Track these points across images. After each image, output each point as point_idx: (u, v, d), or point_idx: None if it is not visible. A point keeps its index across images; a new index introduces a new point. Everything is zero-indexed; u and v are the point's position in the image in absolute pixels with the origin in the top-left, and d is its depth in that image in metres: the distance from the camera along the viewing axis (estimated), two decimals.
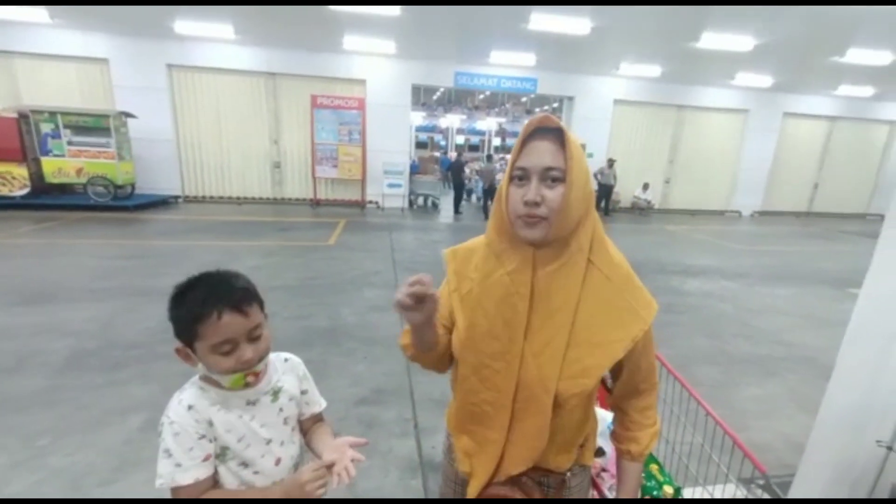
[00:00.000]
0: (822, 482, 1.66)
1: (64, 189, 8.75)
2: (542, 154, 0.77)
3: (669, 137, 12.47)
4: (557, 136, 0.78)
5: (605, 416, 1.36)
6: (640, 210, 12.12)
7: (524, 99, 21.28)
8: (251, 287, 0.88)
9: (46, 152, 8.25)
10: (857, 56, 8.19)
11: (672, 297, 5.03)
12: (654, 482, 1.35)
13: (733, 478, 1.34)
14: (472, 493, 0.91)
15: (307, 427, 1.04)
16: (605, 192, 11.20)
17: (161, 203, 9.71)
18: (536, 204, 0.77)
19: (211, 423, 0.85)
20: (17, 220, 7.19)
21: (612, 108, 11.66)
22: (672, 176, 12.74)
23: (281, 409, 0.94)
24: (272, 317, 3.30)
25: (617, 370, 0.89)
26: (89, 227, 7.14)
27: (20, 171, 8.08)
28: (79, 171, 8.42)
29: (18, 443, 2.15)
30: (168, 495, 0.84)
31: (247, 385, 0.86)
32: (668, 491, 1.30)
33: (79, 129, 8.31)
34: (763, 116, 12.39)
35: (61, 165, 8.34)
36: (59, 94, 9.20)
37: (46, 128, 8.17)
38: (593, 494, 1.10)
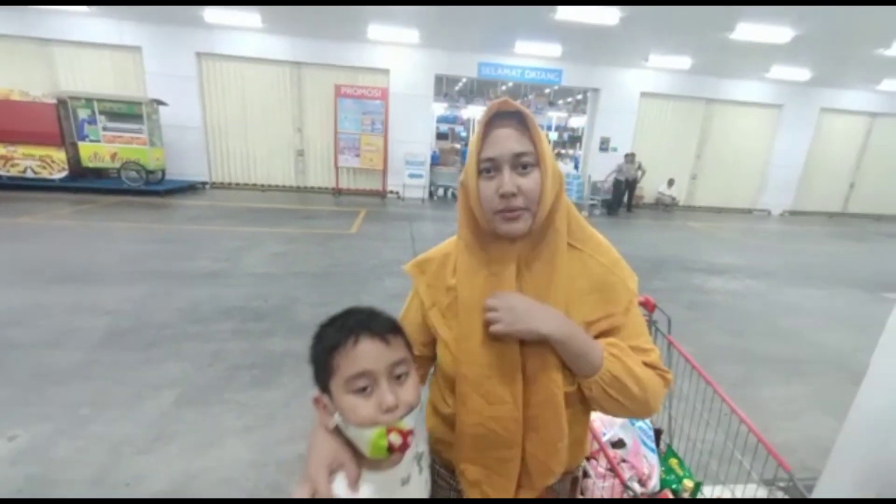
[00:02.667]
0: (848, 485, 1.64)
1: (99, 173, 9.07)
2: (508, 140, 0.71)
3: (697, 132, 12.12)
4: (519, 119, 0.72)
5: None
6: (664, 206, 11.85)
7: (547, 90, 20.95)
8: (399, 324, 0.74)
9: (83, 137, 8.57)
10: None
11: (694, 294, 4.94)
12: (673, 476, 1.36)
13: (756, 477, 1.34)
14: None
15: None
16: (626, 186, 10.91)
17: (189, 188, 9.98)
18: (513, 195, 0.71)
19: None
20: (56, 202, 7.51)
21: (638, 100, 11.38)
22: (698, 172, 12.40)
23: (427, 481, 0.79)
24: (295, 302, 3.39)
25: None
26: (123, 210, 7.41)
27: (59, 155, 8.41)
28: (113, 156, 8.72)
29: (62, 412, 2.28)
30: None
31: (390, 450, 0.65)
32: (688, 485, 1.31)
33: (113, 116, 8.59)
34: (798, 112, 11.89)
35: (97, 150, 8.65)
36: (94, 81, 9.50)
37: (83, 114, 8.47)
38: (616, 484, 1.11)
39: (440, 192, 11.79)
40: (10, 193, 7.98)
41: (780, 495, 1.98)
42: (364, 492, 0.67)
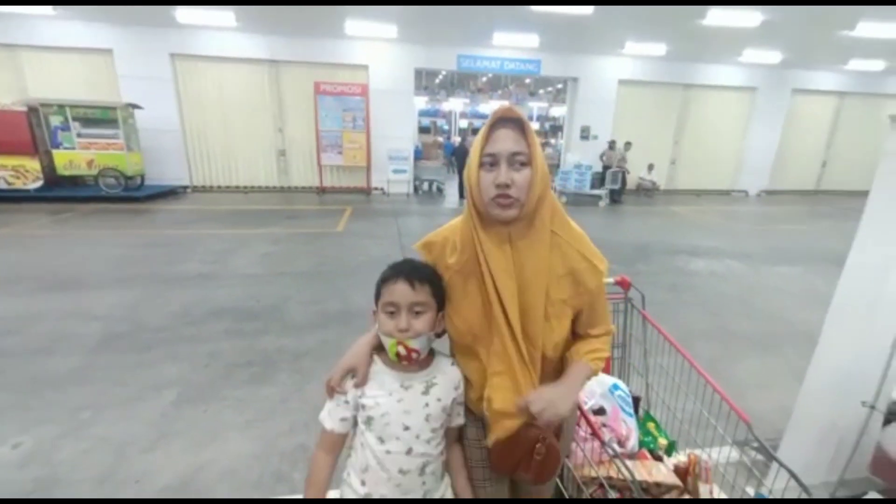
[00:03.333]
0: (810, 441, 1.79)
1: (76, 181, 8.90)
2: (508, 141, 0.89)
3: (675, 118, 12.36)
4: (518, 125, 0.90)
5: (603, 380, 1.48)
6: (646, 191, 12.09)
7: (528, 81, 21.05)
8: (433, 277, 1.00)
9: (57, 145, 8.39)
10: (867, 29, 8.05)
11: (676, 276, 5.12)
12: (650, 437, 1.48)
13: (728, 439, 1.46)
14: (494, 434, 1.00)
15: (448, 441, 1.10)
16: (609, 175, 10.82)
17: (170, 193, 9.85)
18: (507, 186, 0.88)
19: (363, 393, 0.99)
20: (33, 213, 7.37)
21: (616, 88, 11.55)
22: (677, 156, 12.68)
23: (427, 405, 1.00)
24: (286, 301, 3.47)
25: (578, 315, 1.03)
26: (103, 217, 7.31)
27: (33, 165, 8.22)
28: (89, 164, 8.56)
29: (64, 415, 2.32)
30: None
31: (398, 357, 0.97)
32: (663, 443, 1.43)
33: (87, 122, 8.42)
34: (771, 93, 12.22)
35: (72, 158, 8.48)
36: (64, 86, 9.24)
37: (56, 120, 8.28)
38: (596, 446, 1.23)
39: (425, 186, 11.83)
40: None
41: (753, 454, 2.14)
42: (370, 385, 0.99)
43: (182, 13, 8.36)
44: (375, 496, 0.99)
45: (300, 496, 1.81)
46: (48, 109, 8.21)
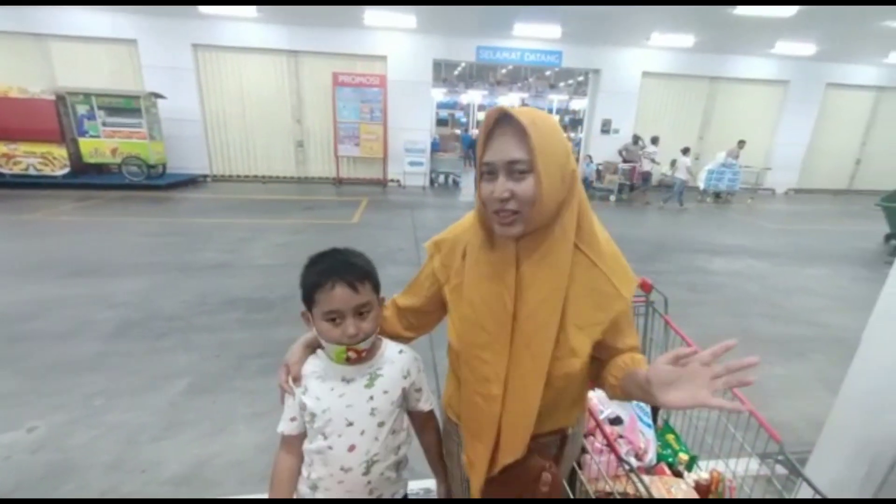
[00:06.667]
0: (841, 457, 1.68)
1: (100, 169, 9.11)
2: (505, 147, 0.76)
3: (700, 112, 11.97)
4: (517, 127, 0.75)
5: None
6: (668, 187, 11.75)
7: (548, 73, 20.67)
8: (369, 269, 0.94)
9: (83, 133, 8.58)
10: None
11: (696, 276, 4.96)
12: (669, 450, 1.40)
13: (751, 451, 1.37)
14: (474, 488, 0.91)
15: (417, 427, 1.08)
16: (620, 170, 10.60)
17: (191, 182, 10.01)
18: (506, 200, 0.76)
19: (306, 390, 0.94)
20: (59, 199, 7.57)
21: (639, 80, 11.22)
22: (702, 152, 12.28)
23: (371, 398, 0.95)
24: (299, 292, 3.44)
25: (601, 347, 0.87)
26: (126, 205, 7.46)
27: (60, 152, 8.44)
28: (113, 152, 8.74)
29: (77, 402, 2.36)
30: None
31: (348, 360, 0.92)
32: (684, 458, 1.35)
33: (112, 111, 8.58)
34: (804, 87, 11.70)
35: (97, 146, 8.67)
36: (90, 75, 9.46)
37: (82, 109, 8.46)
38: (612, 459, 1.16)
39: (441, 179, 11.75)
40: (13, 191, 8.04)
41: (777, 469, 2.03)
42: (311, 383, 0.95)
43: (205, 4, 8.42)
44: (321, 488, 0.96)
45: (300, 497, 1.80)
46: (75, 98, 8.39)
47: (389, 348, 1.01)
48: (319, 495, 0.97)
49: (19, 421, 2.19)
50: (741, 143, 10.61)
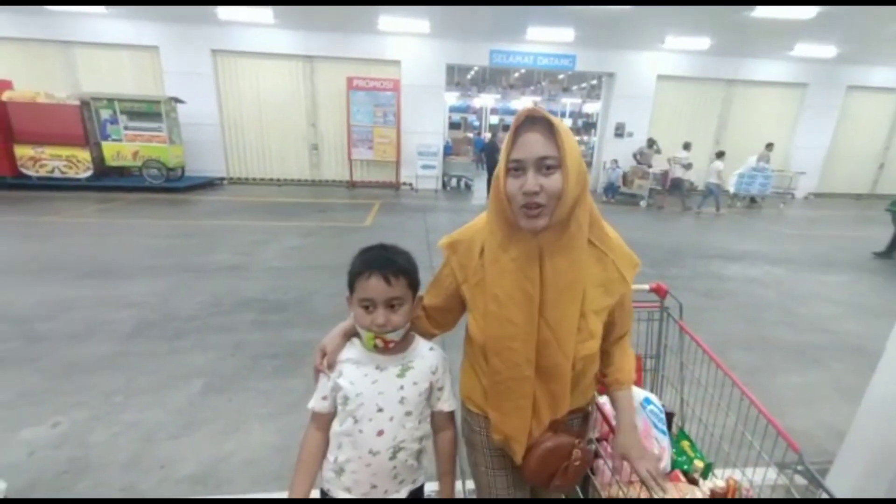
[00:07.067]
0: (862, 469, 1.64)
1: (122, 172, 9.35)
2: (535, 145, 0.81)
3: (716, 115, 11.80)
4: (546, 125, 0.82)
5: (635, 393, 1.39)
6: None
7: (561, 76, 20.60)
8: (408, 267, 0.99)
9: (106, 137, 8.83)
10: None
11: (711, 281, 4.88)
12: (685, 457, 1.38)
13: (768, 459, 1.35)
14: (519, 456, 0.99)
15: (436, 427, 1.11)
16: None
17: (208, 185, 10.20)
18: (536, 193, 0.81)
19: (341, 373, 1.00)
20: (82, 201, 7.78)
21: (654, 84, 11.12)
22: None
23: (402, 388, 1.01)
24: (313, 294, 3.48)
25: (607, 325, 1.00)
26: (145, 207, 7.64)
27: (84, 155, 8.69)
28: (135, 155, 8.97)
29: (97, 399, 2.42)
30: None
31: (376, 348, 0.98)
32: (699, 465, 1.33)
33: (133, 115, 8.82)
34: (823, 90, 11.46)
35: (119, 149, 8.91)
36: (113, 81, 9.75)
37: (105, 114, 8.71)
38: (624, 463, 1.15)
39: (453, 182, 11.78)
40: (39, 193, 8.30)
41: (795, 478, 1.99)
42: (347, 367, 1.01)
43: (223, 10, 8.62)
44: (347, 471, 1.01)
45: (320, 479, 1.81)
46: (98, 103, 8.64)
47: (421, 344, 1.07)
48: (346, 478, 1.02)
49: (43, 417, 2.25)
50: (769, 146, 10.43)
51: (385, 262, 0.96)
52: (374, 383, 0.99)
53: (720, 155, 9.56)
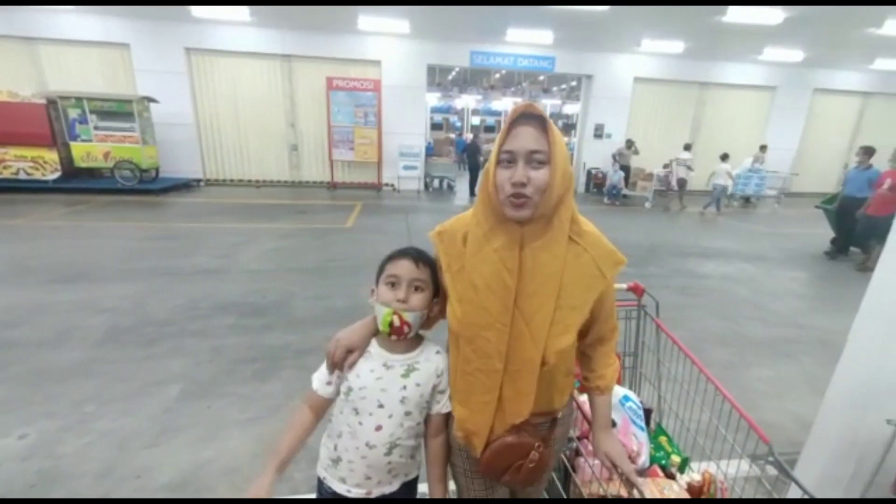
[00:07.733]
0: (828, 457, 1.71)
1: (92, 173, 9.03)
2: (527, 138, 0.85)
3: (691, 117, 12.12)
4: (540, 122, 0.86)
5: (614, 390, 1.42)
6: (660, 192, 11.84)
7: (541, 77, 20.81)
8: (433, 263, 1.05)
9: (75, 137, 8.51)
10: (895, 27, 7.78)
11: (687, 279, 5.01)
12: (662, 452, 1.41)
13: (741, 452, 1.39)
14: (478, 451, 1.00)
15: (431, 430, 1.10)
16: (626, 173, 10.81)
17: (184, 186, 9.95)
18: (523, 184, 0.84)
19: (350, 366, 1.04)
20: (50, 203, 7.49)
21: (631, 86, 11.35)
22: (692, 157, 12.40)
23: (404, 387, 1.02)
24: (292, 297, 3.44)
25: (587, 322, 1.00)
26: (118, 210, 7.40)
27: (51, 156, 8.36)
28: (106, 156, 8.67)
29: (67, 409, 2.33)
30: None
31: (391, 327, 0.99)
32: (676, 460, 1.36)
33: (104, 115, 8.53)
34: (792, 93, 11.90)
35: (89, 150, 8.60)
36: (82, 79, 9.39)
37: (74, 113, 8.40)
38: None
39: (435, 183, 11.77)
40: (3, 196, 7.94)
41: (768, 469, 2.06)
42: (359, 363, 1.03)
43: (197, 8, 8.41)
44: (344, 460, 1.04)
45: (303, 496, 1.79)
46: (66, 102, 8.33)
47: (429, 347, 1.10)
48: (342, 468, 1.05)
49: (8, 428, 2.16)
50: (763, 148, 10.84)
51: (417, 252, 1.04)
52: (379, 380, 1.02)
53: (725, 157, 9.80)
